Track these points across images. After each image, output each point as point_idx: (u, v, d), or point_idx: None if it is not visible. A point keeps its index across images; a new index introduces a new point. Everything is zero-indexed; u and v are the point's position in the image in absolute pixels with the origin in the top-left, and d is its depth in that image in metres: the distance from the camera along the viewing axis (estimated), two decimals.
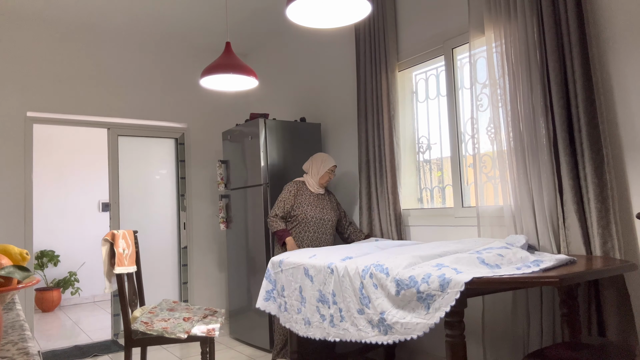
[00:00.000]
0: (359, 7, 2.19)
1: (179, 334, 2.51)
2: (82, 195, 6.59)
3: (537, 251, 2.42)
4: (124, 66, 4.69)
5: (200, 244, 5.03)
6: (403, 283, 1.98)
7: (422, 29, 3.36)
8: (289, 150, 3.98)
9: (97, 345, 4.20)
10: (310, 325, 2.55)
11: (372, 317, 2.14)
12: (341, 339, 2.33)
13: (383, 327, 2.07)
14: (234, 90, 3.55)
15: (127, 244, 2.91)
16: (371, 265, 2.18)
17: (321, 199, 3.57)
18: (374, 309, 2.12)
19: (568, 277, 1.73)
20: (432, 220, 3.25)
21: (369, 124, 3.57)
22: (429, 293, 1.88)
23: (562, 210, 2.40)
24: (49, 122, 4.33)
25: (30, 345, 0.81)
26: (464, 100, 3.16)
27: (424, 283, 1.91)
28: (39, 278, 2.01)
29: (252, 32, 4.86)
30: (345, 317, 2.30)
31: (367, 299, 2.17)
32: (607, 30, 2.35)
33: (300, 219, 3.46)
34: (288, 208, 3.47)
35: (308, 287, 2.60)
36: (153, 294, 4.75)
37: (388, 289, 2.05)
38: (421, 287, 1.91)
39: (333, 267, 2.42)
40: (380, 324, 2.08)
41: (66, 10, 4.15)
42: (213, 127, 5.21)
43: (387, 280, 2.06)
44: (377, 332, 2.11)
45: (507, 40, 2.64)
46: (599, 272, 1.88)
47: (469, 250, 2.28)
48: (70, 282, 6.16)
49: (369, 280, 2.16)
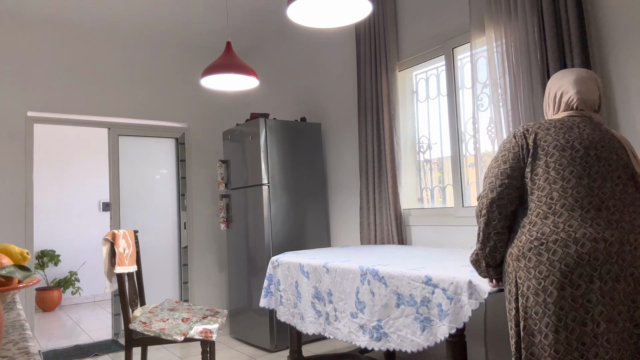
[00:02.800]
0: (360, 7, 2.19)
1: (175, 336, 2.51)
2: (83, 195, 6.59)
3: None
4: (124, 66, 4.69)
5: (200, 243, 5.03)
6: (404, 299, 1.99)
7: (422, 29, 3.36)
8: (290, 150, 3.99)
9: (98, 345, 4.20)
10: (305, 320, 2.58)
11: (365, 322, 2.15)
12: (334, 338, 2.36)
13: (377, 334, 2.09)
14: (234, 90, 3.56)
15: (128, 244, 2.91)
16: (367, 271, 2.19)
17: None
18: (370, 315, 2.13)
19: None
20: (433, 220, 3.25)
21: (369, 123, 3.57)
22: (427, 317, 1.90)
23: None
24: (50, 121, 4.33)
25: (31, 345, 0.81)
26: (464, 100, 3.16)
27: (423, 306, 1.92)
28: (40, 278, 2.01)
29: (253, 31, 4.86)
30: (339, 317, 2.32)
31: (362, 304, 2.18)
32: (607, 30, 2.35)
33: None
34: None
35: (304, 283, 2.62)
36: (153, 294, 4.75)
37: (387, 299, 2.07)
38: (420, 309, 1.92)
39: (329, 266, 2.43)
40: (375, 330, 2.10)
41: (66, 10, 4.15)
42: (213, 127, 5.21)
43: (387, 290, 2.07)
44: (368, 337, 2.13)
45: (508, 40, 2.64)
46: None
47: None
48: (71, 281, 6.16)
49: (367, 287, 2.17)
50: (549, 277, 1.42)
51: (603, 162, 1.51)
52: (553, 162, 1.52)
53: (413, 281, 1.98)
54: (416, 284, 1.97)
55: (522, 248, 1.50)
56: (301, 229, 4.00)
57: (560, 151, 1.52)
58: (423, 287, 1.94)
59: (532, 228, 1.50)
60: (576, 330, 1.39)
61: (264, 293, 2.98)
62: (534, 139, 1.56)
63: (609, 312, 1.39)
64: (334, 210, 4.17)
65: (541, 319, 1.43)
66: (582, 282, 1.40)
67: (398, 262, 2.28)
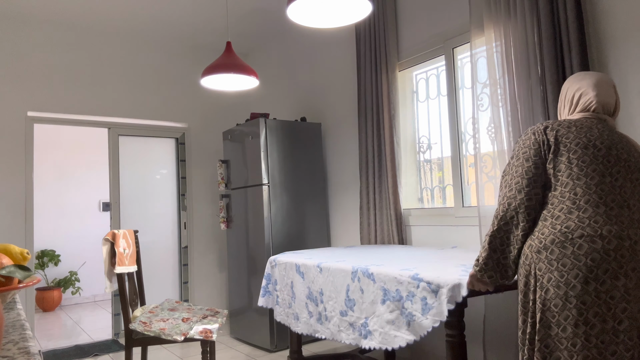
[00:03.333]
0: (360, 7, 2.19)
1: (175, 336, 2.51)
2: (83, 195, 6.60)
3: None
4: (124, 66, 4.69)
5: (200, 243, 5.03)
6: (390, 294, 2.00)
7: (422, 29, 3.36)
8: (290, 150, 3.99)
9: (98, 345, 4.20)
10: (299, 321, 2.60)
11: (354, 320, 2.17)
12: (326, 338, 2.38)
13: (364, 331, 2.11)
14: (234, 90, 3.56)
15: (128, 244, 2.91)
16: (358, 269, 2.20)
17: None
18: (359, 312, 2.14)
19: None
20: (433, 220, 3.25)
21: (369, 123, 3.57)
22: (411, 312, 1.91)
23: None
24: (50, 121, 4.33)
25: (31, 345, 0.81)
26: (464, 99, 3.16)
27: (408, 301, 1.93)
28: (40, 277, 2.01)
29: (253, 31, 4.86)
30: (329, 316, 2.34)
31: (352, 302, 2.20)
32: (606, 30, 2.35)
33: None
34: None
35: (299, 283, 2.64)
36: (153, 294, 4.76)
37: (374, 296, 2.08)
38: (405, 304, 1.94)
39: (322, 266, 2.45)
40: (363, 327, 2.12)
41: (67, 10, 4.15)
42: (213, 127, 5.21)
43: (374, 287, 2.08)
44: (357, 334, 2.16)
45: (507, 40, 2.64)
46: None
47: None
48: (71, 281, 6.17)
49: (357, 284, 2.18)
50: (573, 270, 1.42)
51: (623, 162, 1.54)
52: (576, 158, 1.54)
53: (400, 276, 2.00)
54: (403, 278, 1.98)
55: (544, 240, 1.50)
56: (301, 229, 4.00)
57: (582, 149, 1.54)
58: (409, 282, 1.95)
59: (555, 222, 1.50)
60: (596, 327, 1.40)
61: (262, 292, 3.01)
62: (555, 135, 1.58)
63: (632, 310, 1.40)
64: (334, 210, 4.17)
65: (561, 311, 1.43)
66: (607, 278, 1.40)
67: (394, 263, 2.29)
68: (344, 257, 2.63)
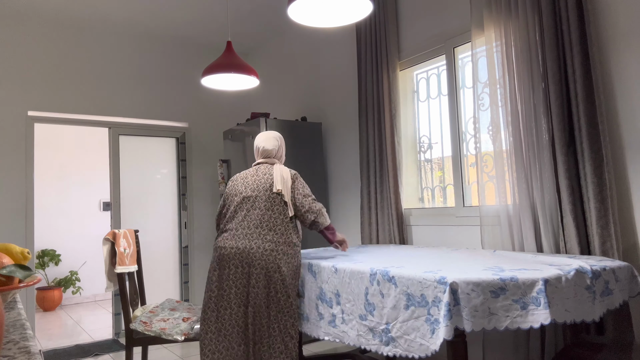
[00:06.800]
0: (360, 6, 2.19)
1: (175, 336, 2.51)
2: (83, 195, 6.60)
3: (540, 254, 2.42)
4: (125, 65, 4.69)
5: (201, 243, 5.03)
6: (414, 299, 1.91)
7: (423, 28, 3.35)
8: (290, 150, 3.98)
9: (98, 345, 4.21)
10: (309, 322, 2.51)
11: (374, 325, 2.07)
12: (340, 341, 2.28)
13: (386, 338, 2.01)
14: (235, 89, 3.55)
15: (128, 243, 2.91)
16: (377, 272, 2.11)
17: None
18: (380, 317, 2.05)
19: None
20: (434, 220, 3.24)
21: (370, 123, 3.57)
22: (437, 319, 1.80)
23: (560, 210, 2.40)
24: (50, 121, 4.33)
25: (32, 344, 0.81)
26: (465, 99, 3.16)
27: (434, 307, 1.82)
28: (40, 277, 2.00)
29: (253, 31, 4.86)
30: (347, 320, 2.26)
31: (372, 305, 2.11)
32: (608, 29, 2.34)
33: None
34: None
35: (309, 282, 2.55)
36: (154, 294, 4.75)
37: (396, 300, 1.98)
38: (431, 310, 1.83)
39: (338, 266, 2.37)
40: (384, 334, 2.01)
41: (67, 10, 4.15)
42: (214, 127, 5.21)
43: (396, 291, 1.99)
44: (378, 341, 2.05)
45: (508, 39, 2.63)
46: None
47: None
48: (72, 281, 6.17)
49: (376, 288, 2.09)
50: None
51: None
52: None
53: (425, 280, 1.87)
54: (428, 282, 1.85)
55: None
56: (301, 229, 4.00)
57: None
58: (435, 287, 1.82)
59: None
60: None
61: None
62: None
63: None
64: (335, 210, 4.17)
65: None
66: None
67: (412, 264, 2.19)
68: (354, 258, 2.56)
